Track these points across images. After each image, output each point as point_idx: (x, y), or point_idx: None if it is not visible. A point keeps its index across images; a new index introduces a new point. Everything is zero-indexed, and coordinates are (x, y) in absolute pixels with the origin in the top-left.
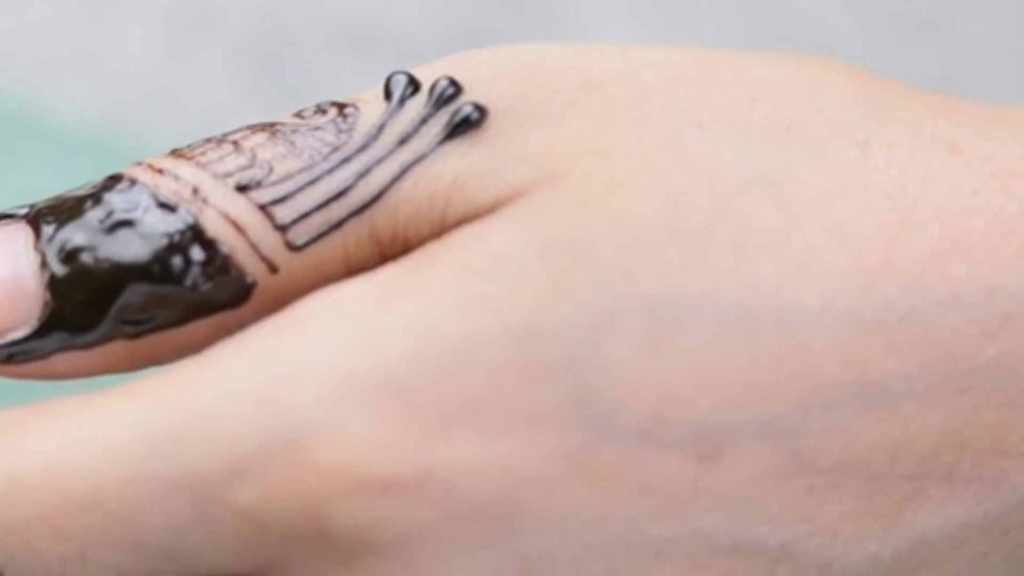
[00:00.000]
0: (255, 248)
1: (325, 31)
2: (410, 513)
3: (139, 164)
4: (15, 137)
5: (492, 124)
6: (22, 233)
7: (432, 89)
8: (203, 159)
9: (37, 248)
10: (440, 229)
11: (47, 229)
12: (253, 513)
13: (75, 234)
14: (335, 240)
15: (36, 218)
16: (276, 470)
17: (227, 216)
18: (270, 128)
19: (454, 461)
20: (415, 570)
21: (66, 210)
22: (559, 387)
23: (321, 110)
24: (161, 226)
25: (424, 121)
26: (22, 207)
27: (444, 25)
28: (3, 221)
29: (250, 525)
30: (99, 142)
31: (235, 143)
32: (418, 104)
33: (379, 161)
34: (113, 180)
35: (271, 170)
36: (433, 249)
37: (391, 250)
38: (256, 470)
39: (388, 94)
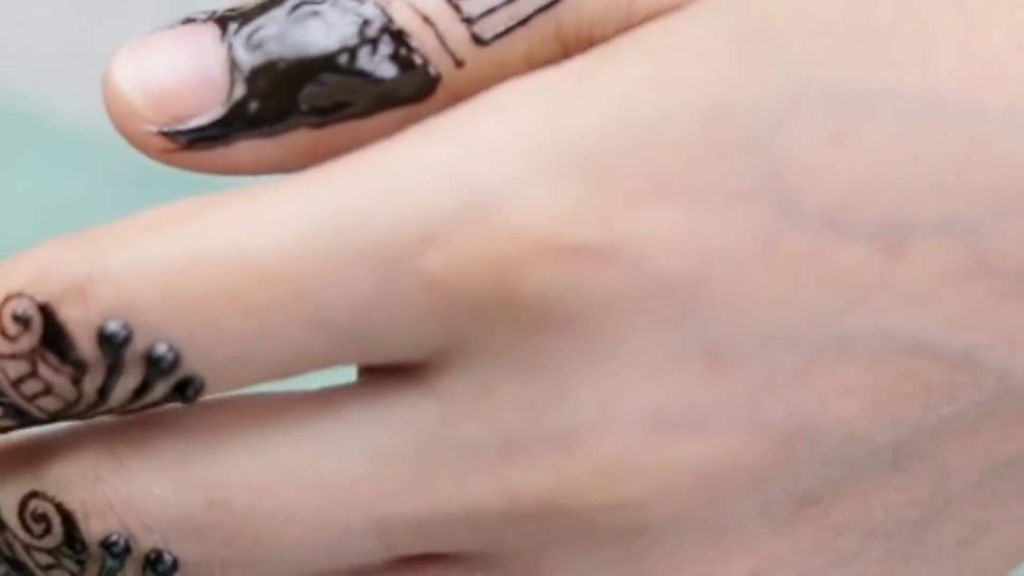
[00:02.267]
0: (442, 40)
1: None
2: (597, 283)
3: None
4: (15, 137)
5: None
6: (208, 28)
7: None
8: None
9: (224, 40)
10: (625, 27)
11: (233, 25)
12: (441, 280)
13: (263, 25)
14: (520, 37)
15: (222, 18)
16: (466, 235)
17: (415, 7)
18: None
19: (644, 233)
20: (598, 344)
21: (253, 8)
22: (748, 167)
23: None
24: (349, 16)
25: None
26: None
27: None
28: (188, 23)
29: (437, 294)
30: (99, 142)
31: None
32: None
33: None
34: None
35: None
36: (621, 40)
37: (575, 50)
38: (445, 236)
39: None
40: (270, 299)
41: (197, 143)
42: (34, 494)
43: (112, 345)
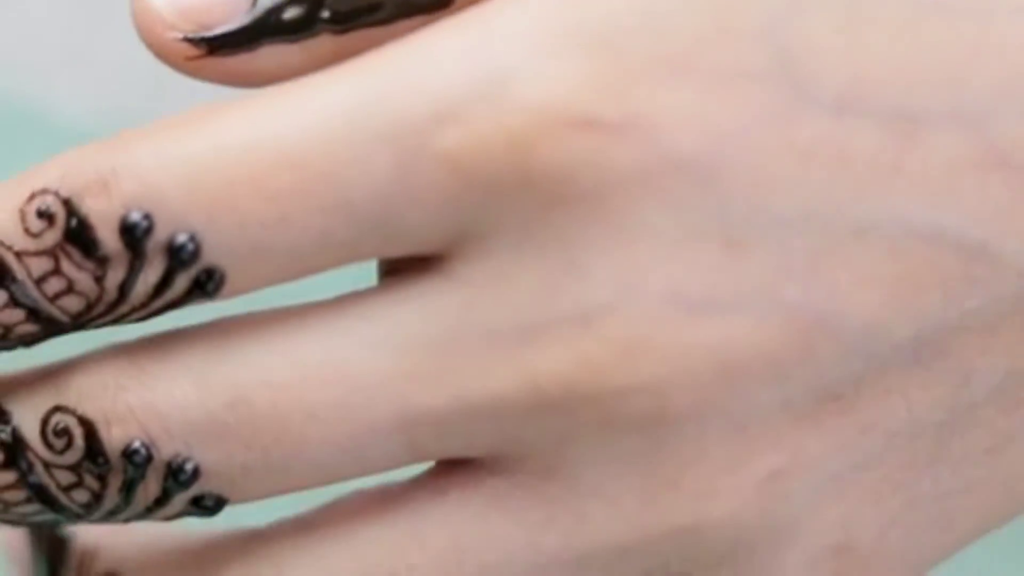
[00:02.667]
0: None
1: None
2: (612, 157)
3: None
4: (14, 137)
5: None
6: None
7: None
8: None
9: None
10: None
11: None
12: (456, 158)
13: None
14: None
15: None
16: (482, 112)
17: None
18: None
19: (659, 109)
20: (614, 221)
21: None
22: (761, 51)
23: None
24: None
25: None
26: None
27: None
28: None
29: (453, 173)
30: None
31: None
32: None
33: None
34: None
35: None
36: None
37: None
38: (461, 114)
39: None
40: (290, 183)
41: (221, 50)
42: (56, 408)
43: (134, 236)
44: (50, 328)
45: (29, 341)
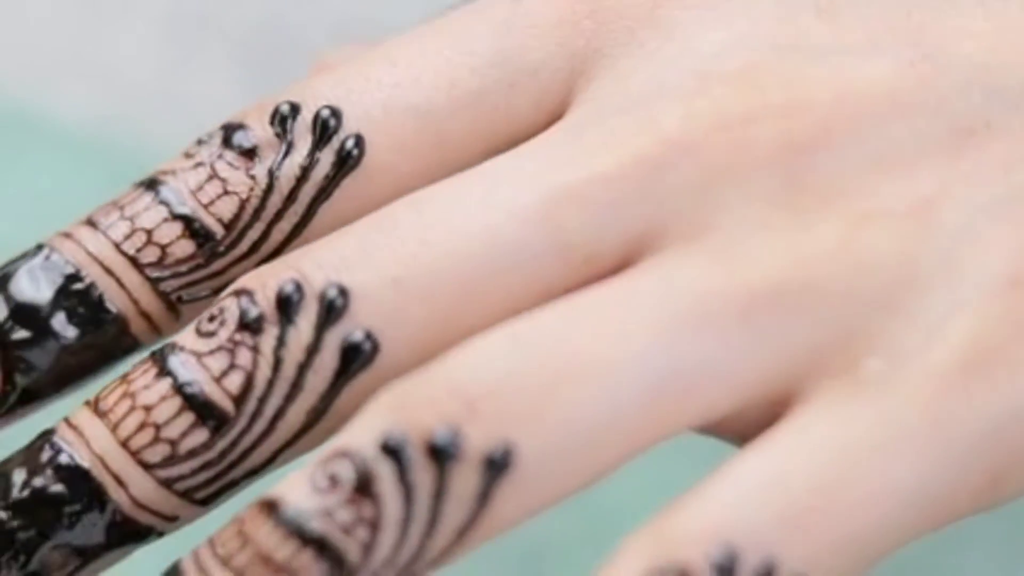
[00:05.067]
0: None
1: (326, 32)
2: None
3: None
4: (14, 138)
5: None
6: None
7: None
8: None
9: None
10: None
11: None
12: None
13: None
14: None
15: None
16: None
17: None
18: None
19: None
20: None
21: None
22: None
23: None
24: None
25: None
26: None
27: None
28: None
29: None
30: (98, 143)
31: None
32: None
33: None
34: None
35: None
36: None
37: None
38: None
39: None
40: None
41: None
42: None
43: (281, 119)
44: (201, 235)
45: (193, 278)
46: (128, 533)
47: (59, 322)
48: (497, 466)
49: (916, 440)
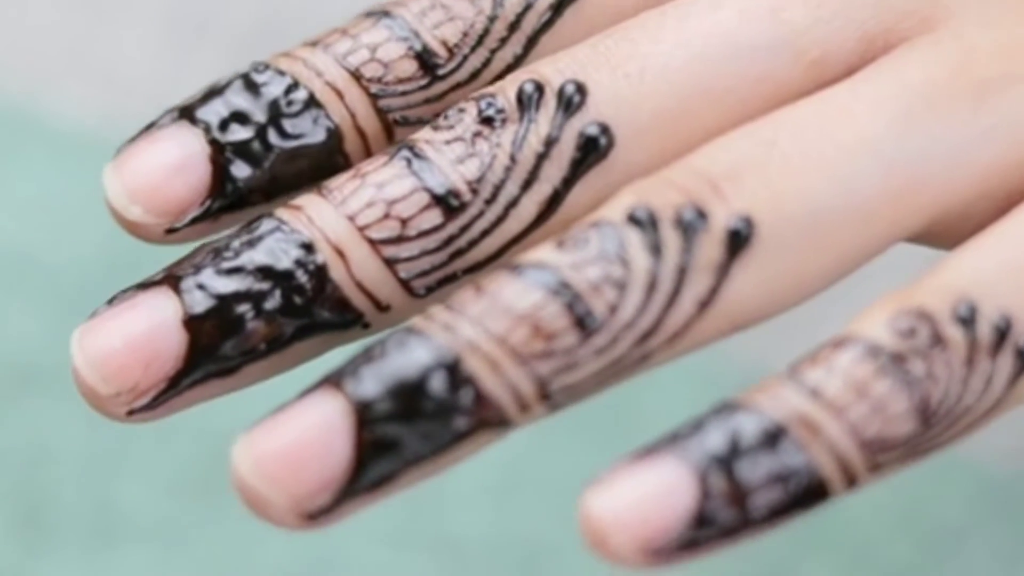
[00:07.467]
0: None
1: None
2: None
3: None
4: (13, 139)
5: None
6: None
7: None
8: None
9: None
10: None
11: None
12: None
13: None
14: None
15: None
16: None
17: None
18: None
19: None
20: None
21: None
22: None
23: None
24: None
25: None
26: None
27: None
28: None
29: None
30: (99, 144)
31: None
32: None
33: None
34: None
35: None
36: None
37: None
38: None
39: None
40: None
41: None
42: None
43: None
44: (429, 68)
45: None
46: (335, 318)
47: (275, 128)
48: (740, 239)
49: None
